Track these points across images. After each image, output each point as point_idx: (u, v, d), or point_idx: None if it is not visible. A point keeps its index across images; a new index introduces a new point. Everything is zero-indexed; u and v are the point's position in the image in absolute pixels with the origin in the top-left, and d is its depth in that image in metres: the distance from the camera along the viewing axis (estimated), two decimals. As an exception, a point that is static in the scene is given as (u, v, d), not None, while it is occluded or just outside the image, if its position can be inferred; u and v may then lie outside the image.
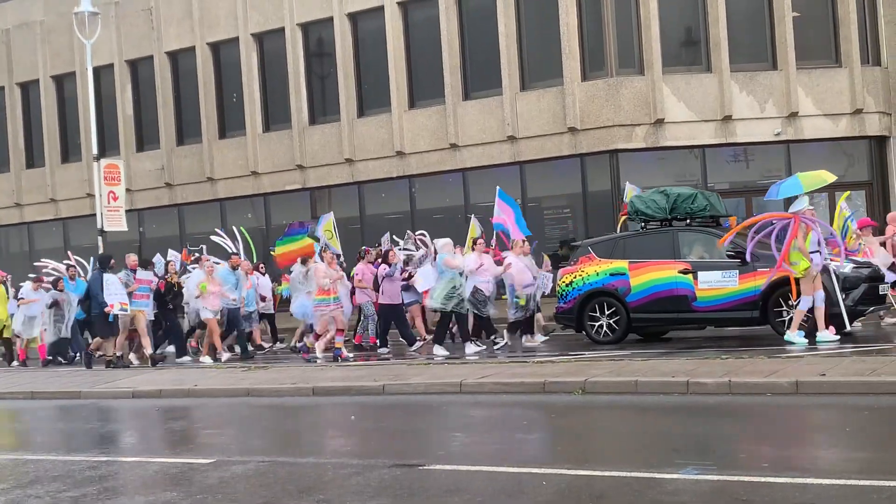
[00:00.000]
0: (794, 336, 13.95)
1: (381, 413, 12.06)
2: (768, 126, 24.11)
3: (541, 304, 18.01)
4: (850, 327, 14.47)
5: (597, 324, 16.47)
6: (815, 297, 14.01)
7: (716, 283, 15.31)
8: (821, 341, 13.85)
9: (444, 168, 26.51)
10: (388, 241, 20.84)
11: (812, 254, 14.02)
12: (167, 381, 15.62)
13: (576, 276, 16.77)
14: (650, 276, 15.92)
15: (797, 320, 14.07)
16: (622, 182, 23.84)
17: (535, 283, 17.18)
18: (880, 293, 15.31)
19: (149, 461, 9.56)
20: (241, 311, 18.75)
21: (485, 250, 17.00)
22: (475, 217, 20.73)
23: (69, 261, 21.71)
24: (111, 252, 22.15)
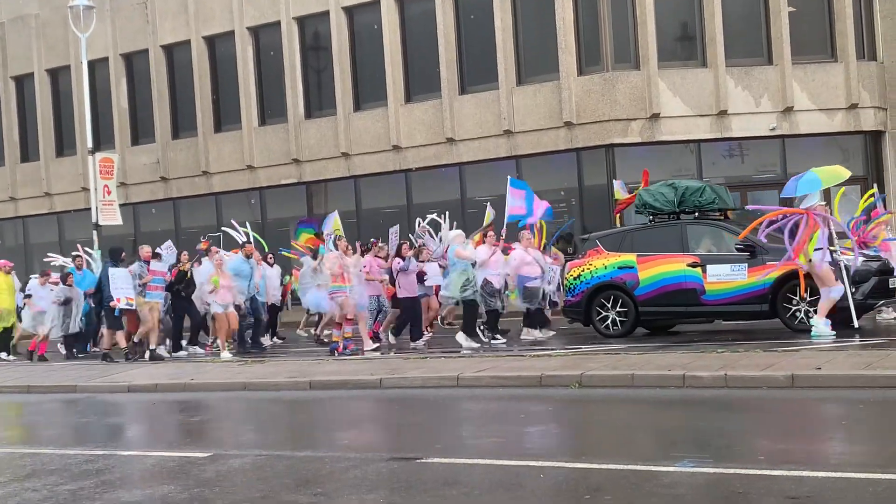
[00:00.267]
0: (822, 327, 13.95)
1: (379, 407, 12.08)
2: (763, 121, 24.14)
3: (555, 298, 17.77)
4: (857, 323, 14.44)
5: (605, 317, 16.39)
6: (828, 291, 14.02)
7: (725, 277, 15.25)
8: (815, 336, 13.88)
9: (441, 162, 26.53)
10: (396, 233, 20.71)
11: (816, 251, 14.01)
12: (163, 376, 15.61)
13: (584, 270, 16.68)
14: (659, 269, 15.86)
15: (823, 311, 14.04)
16: (618, 177, 23.88)
17: (541, 277, 17.06)
18: (890, 287, 15.27)
19: (146, 455, 9.57)
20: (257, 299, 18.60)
21: (495, 243, 16.82)
22: (490, 206, 20.60)
23: (77, 252, 21.54)
24: (106, 245, 22.15)
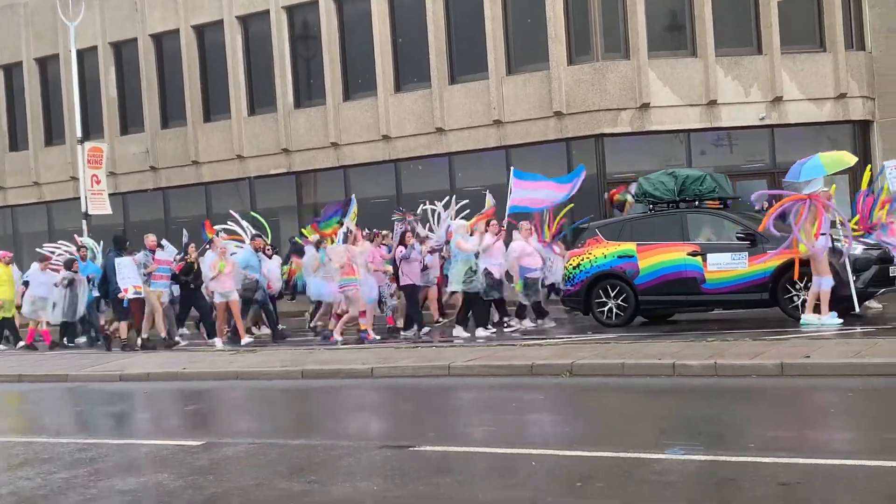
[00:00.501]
0: (811, 318, 13.99)
1: (371, 395, 12.13)
2: (753, 110, 24.19)
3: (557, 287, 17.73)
4: (858, 309, 14.49)
5: (605, 307, 16.39)
6: (819, 282, 14.08)
7: (725, 266, 15.25)
8: (805, 324, 13.96)
9: (431, 152, 26.51)
10: (398, 224, 20.59)
11: (821, 236, 14.05)
12: (155, 365, 15.63)
13: (583, 259, 16.70)
14: (658, 258, 15.86)
15: (811, 303, 14.10)
16: (608, 166, 23.95)
17: (541, 268, 17.03)
18: (891, 275, 15.29)
19: (139, 443, 9.61)
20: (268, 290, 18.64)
21: (497, 231, 16.78)
22: (490, 193, 20.48)
23: (80, 240, 21.44)
24: (95, 235, 22.12)
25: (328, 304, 18.61)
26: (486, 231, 16.66)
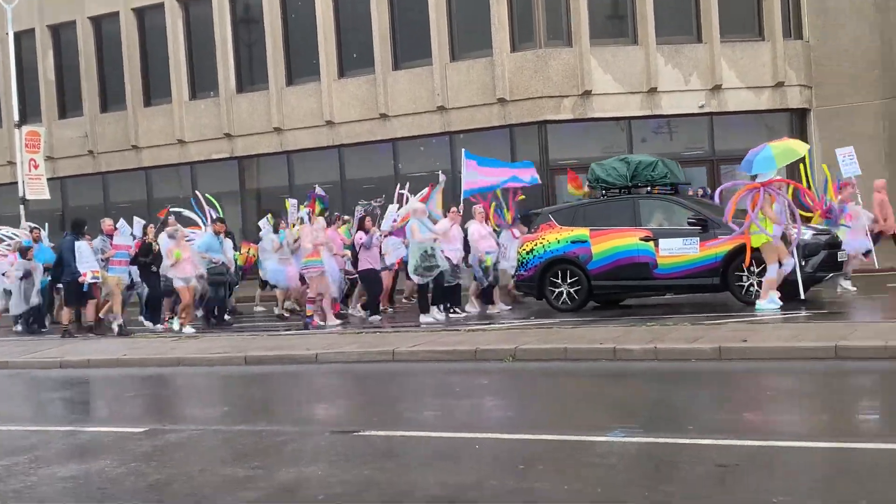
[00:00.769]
0: (766, 303, 14.21)
1: (315, 381, 12.12)
2: (693, 98, 24.52)
3: (506, 273, 17.80)
4: (804, 295, 14.77)
5: (557, 291, 16.51)
6: (785, 265, 14.31)
7: (677, 251, 15.40)
8: (760, 309, 14.18)
9: (375, 138, 26.49)
10: (361, 209, 20.50)
11: (776, 226, 14.27)
12: (95, 351, 15.46)
13: (536, 244, 16.77)
14: (611, 243, 15.97)
15: (766, 289, 14.31)
16: (551, 153, 24.09)
17: (497, 251, 17.13)
18: (839, 260, 15.58)
19: (80, 430, 9.50)
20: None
21: (453, 216, 16.89)
22: (443, 174, 20.30)
23: (31, 224, 20.99)
24: (32, 220, 21.74)
25: (283, 290, 18.82)
26: (446, 216, 16.82)
